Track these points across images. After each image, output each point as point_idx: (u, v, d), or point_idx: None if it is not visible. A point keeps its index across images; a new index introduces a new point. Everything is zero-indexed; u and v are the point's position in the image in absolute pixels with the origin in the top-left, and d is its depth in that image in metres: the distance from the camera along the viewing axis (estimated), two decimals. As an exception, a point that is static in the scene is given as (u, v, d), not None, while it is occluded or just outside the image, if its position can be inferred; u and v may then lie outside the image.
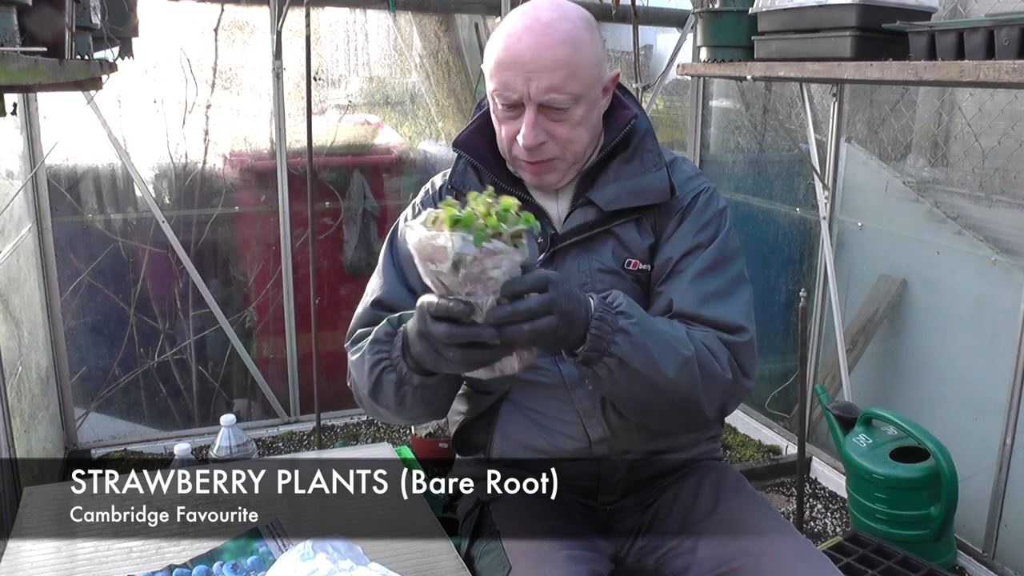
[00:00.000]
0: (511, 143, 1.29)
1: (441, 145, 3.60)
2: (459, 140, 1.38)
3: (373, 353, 1.21)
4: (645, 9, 3.33)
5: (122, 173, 3.12)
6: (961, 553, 2.46)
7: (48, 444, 2.89)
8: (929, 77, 1.78)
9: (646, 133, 1.36)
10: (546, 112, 1.25)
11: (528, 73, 1.23)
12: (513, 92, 1.24)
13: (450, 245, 0.95)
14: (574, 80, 1.24)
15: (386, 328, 1.21)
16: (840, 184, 2.98)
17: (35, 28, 1.39)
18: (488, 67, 1.29)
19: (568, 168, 1.32)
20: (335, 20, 3.39)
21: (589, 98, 1.28)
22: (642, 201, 1.32)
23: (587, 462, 1.36)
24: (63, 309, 3.07)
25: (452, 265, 0.96)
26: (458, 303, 1.00)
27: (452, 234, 0.95)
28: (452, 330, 1.02)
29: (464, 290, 0.99)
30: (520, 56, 1.23)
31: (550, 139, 1.27)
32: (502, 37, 1.27)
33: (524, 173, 1.33)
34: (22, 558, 1.26)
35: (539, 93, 1.23)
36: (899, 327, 2.85)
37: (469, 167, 1.37)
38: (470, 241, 0.95)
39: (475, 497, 1.42)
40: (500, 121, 1.30)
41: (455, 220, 0.96)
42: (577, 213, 1.34)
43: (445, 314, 1.01)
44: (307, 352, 3.31)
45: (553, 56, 1.22)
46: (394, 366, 1.18)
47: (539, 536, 1.28)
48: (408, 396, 1.20)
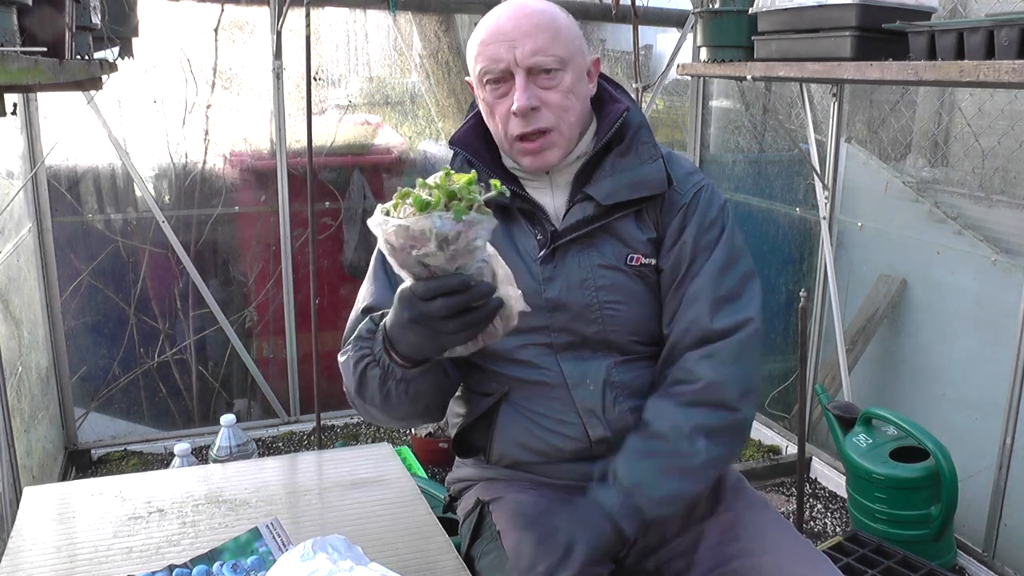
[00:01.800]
0: (506, 123, 1.31)
1: (441, 145, 3.60)
2: (455, 138, 1.41)
3: (356, 350, 1.22)
4: (645, 9, 3.33)
5: (122, 173, 3.12)
6: (961, 553, 2.46)
7: (48, 444, 2.89)
8: (929, 77, 1.78)
9: (640, 126, 1.38)
10: (536, 78, 1.29)
11: (511, 41, 1.28)
12: (499, 62, 1.28)
13: (433, 226, 0.98)
14: (557, 43, 1.29)
15: (368, 325, 1.22)
16: (840, 184, 2.98)
17: (35, 28, 1.39)
18: (472, 55, 1.34)
19: (565, 145, 1.33)
20: (335, 20, 3.39)
21: (576, 66, 1.32)
22: (640, 193, 1.33)
23: (586, 463, 1.36)
24: (63, 309, 3.07)
25: (437, 245, 0.99)
26: (452, 277, 1.03)
27: (432, 216, 0.98)
28: (450, 301, 1.03)
29: (454, 265, 1.02)
30: (501, 27, 1.29)
31: (544, 107, 1.29)
32: (481, 24, 1.33)
33: (523, 158, 1.34)
34: (22, 558, 1.26)
35: (525, 57, 1.27)
36: (899, 327, 2.85)
37: (465, 164, 1.38)
38: (450, 218, 0.98)
39: (475, 497, 1.43)
40: (492, 106, 1.33)
41: (424, 204, 0.98)
42: (575, 209, 1.34)
43: (440, 291, 1.03)
44: (307, 352, 3.31)
45: (533, 22, 1.28)
46: (377, 361, 1.19)
47: (542, 534, 1.27)
48: (392, 390, 1.20)
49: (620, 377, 1.34)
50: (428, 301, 1.04)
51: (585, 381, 1.34)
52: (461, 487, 1.51)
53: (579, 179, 1.37)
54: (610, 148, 1.36)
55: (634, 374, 1.35)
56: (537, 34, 1.27)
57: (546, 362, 1.34)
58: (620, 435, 1.34)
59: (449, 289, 1.03)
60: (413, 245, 1.00)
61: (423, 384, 1.21)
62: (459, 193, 1.00)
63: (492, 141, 1.40)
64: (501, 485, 1.42)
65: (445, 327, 1.06)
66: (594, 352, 1.35)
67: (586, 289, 1.33)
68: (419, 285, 1.05)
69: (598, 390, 1.34)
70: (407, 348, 1.14)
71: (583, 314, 1.33)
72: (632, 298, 1.34)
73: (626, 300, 1.34)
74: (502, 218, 1.35)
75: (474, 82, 1.36)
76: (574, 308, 1.33)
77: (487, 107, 1.34)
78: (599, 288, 1.33)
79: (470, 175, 1.02)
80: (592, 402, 1.34)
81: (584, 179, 1.36)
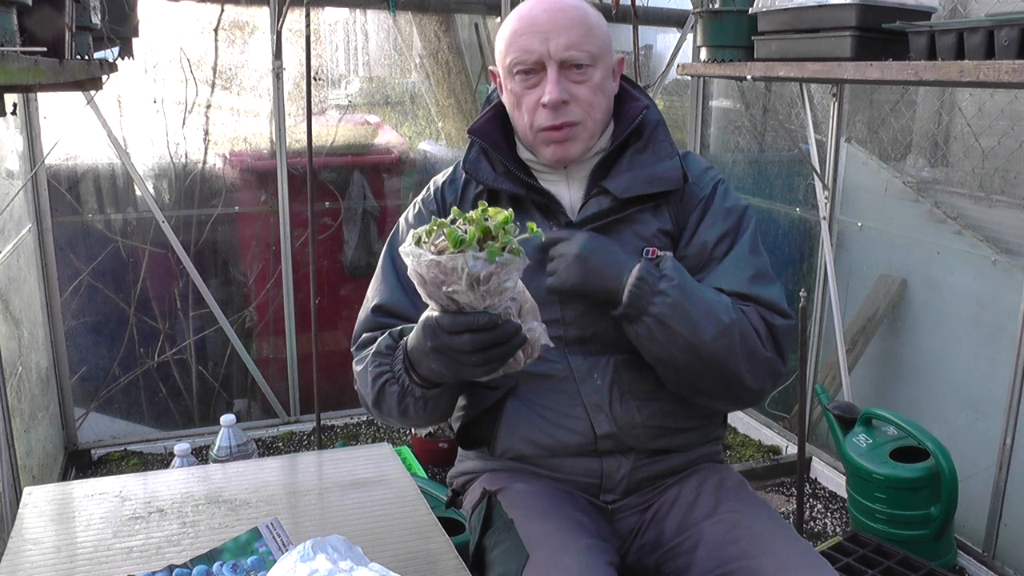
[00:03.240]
0: (534, 113, 1.32)
1: (441, 145, 3.60)
2: (474, 127, 1.41)
3: (375, 366, 1.24)
4: (645, 9, 3.33)
5: (122, 173, 3.12)
6: (961, 553, 2.46)
7: (48, 444, 2.89)
8: (929, 77, 1.78)
9: (658, 124, 1.40)
10: (567, 72, 1.30)
11: (546, 33, 1.28)
12: (532, 54, 1.29)
13: (465, 265, 0.98)
14: (591, 39, 1.30)
15: (387, 341, 1.24)
16: (840, 184, 2.98)
17: (35, 28, 1.39)
18: (501, 45, 1.34)
19: (588, 140, 1.34)
20: (335, 20, 3.40)
21: (605, 64, 1.33)
22: (656, 188, 1.34)
23: (590, 459, 1.37)
24: (63, 309, 3.07)
25: (468, 284, 0.99)
26: (480, 315, 1.03)
27: (466, 255, 0.97)
28: (477, 337, 1.04)
29: (483, 304, 1.02)
30: (536, 19, 1.29)
31: (573, 101, 1.30)
32: (514, 15, 1.33)
33: (546, 149, 1.34)
34: (22, 558, 1.26)
35: (559, 50, 1.28)
36: (899, 327, 2.85)
37: (481, 153, 1.39)
38: (483, 259, 0.98)
39: (481, 488, 1.42)
40: (519, 97, 1.33)
41: (459, 240, 0.98)
42: (592, 202, 1.35)
43: (466, 328, 1.03)
44: (307, 352, 3.31)
45: (568, 16, 1.29)
46: (396, 379, 1.22)
47: (555, 525, 1.27)
48: (411, 407, 1.23)
49: (627, 375, 1.35)
50: (454, 335, 1.05)
51: (592, 376, 1.34)
52: (465, 480, 1.51)
53: (596, 174, 1.38)
54: (627, 145, 1.38)
55: (641, 374, 1.35)
56: (572, 28, 1.28)
57: (554, 355, 1.34)
58: (626, 431, 1.34)
59: (476, 327, 1.03)
60: (444, 281, 1.00)
61: (441, 400, 1.25)
62: (494, 231, 0.99)
63: (509, 134, 1.42)
64: (506, 475, 1.42)
65: (468, 360, 1.06)
66: (603, 347, 1.35)
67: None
68: (446, 318, 1.05)
69: (605, 385, 1.34)
70: (428, 372, 1.17)
71: (596, 307, 1.33)
72: None
73: None
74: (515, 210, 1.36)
75: (501, 72, 1.37)
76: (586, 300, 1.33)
77: (514, 97, 1.34)
78: None
79: (506, 213, 1.01)
80: (599, 397, 1.34)
81: (601, 174, 1.37)
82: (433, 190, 1.47)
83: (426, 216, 1.43)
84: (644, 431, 1.35)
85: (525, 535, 1.26)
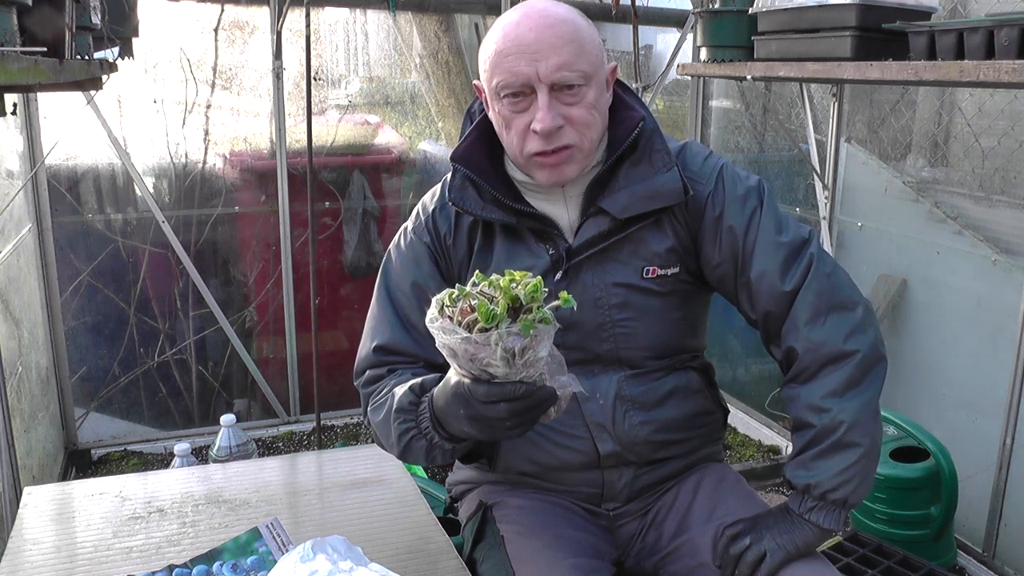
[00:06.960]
0: (524, 138, 1.22)
1: (441, 145, 3.60)
2: (457, 154, 1.30)
3: (399, 423, 1.20)
4: (645, 9, 3.33)
5: (122, 173, 3.12)
6: (961, 553, 2.46)
7: (48, 444, 2.89)
8: (929, 77, 1.78)
9: (653, 133, 1.30)
10: (559, 95, 1.20)
11: (534, 55, 1.18)
12: (519, 76, 1.18)
13: (499, 341, 0.96)
14: (582, 57, 1.19)
15: (410, 397, 1.20)
16: (840, 184, 2.98)
17: (35, 28, 1.39)
18: (485, 65, 1.24)
19: (584, 160, 1.26)
20: (335, 20, 3.39)
21: (598, 80, 1.23)
22: (656, 205, 1.26)
23: (592, 472, 1.36)
24: (63, 309, 3.07)
25: (503, 358, 0.97)
26: (516, 386, 1.00)
27: (500, 331, 0.95)
28: (513, 407, 1.01)
29: (519, 375, 1.00)
30: (522, 39, 1.18)
31: (567, 124, 1.21)
32: (498, 30, 1.23)
33: (540, 173, 1.25)
34: (22, 558, 1.26)
35: (549, 72, 1.18)
36: (899, 327, 2.85)
37: (467, 181, 1.30)
38: (516, 333, 0.96)
39: (478, 500, 1.42)
40: (507, 120, 1.23)
41: (491, 315, 0.95)
42: (590, 224, 1.28)
43: (502, 398, 1.01)
44: (307, 352, 3.31)
45: (556, 34, 1.18)
46: (424, 435, 1.18)
47: (543, 543, 1.27)
48: (439, 457, 1.22)
49: (631, 391, 1.32)
50: (489, 404, 1.02)
51: (595, 395, 1.32)
52: (463, 489, 1.50)
53: (591, 190, 1.29)
54: (623, 157, 1.28)
55: (645, 387, 1.33)
56: (562, 47, 1.18)
57: None
58: (629, 449, 1.33)
59: (512, 397, 1.01)
60: (476, 355, 0.98)
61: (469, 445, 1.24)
62: (525, 301, 0.97)
63: (496, 152, 1.32)
64: (504, 488, 1.41)
65: (503, 425, 1.05)
66: (605, 367, 1.33)
67: (600, 308, 1.29)
68: (480, 388, 1.02)
69: (608, 404, 1.32)
70: (459, 433, 1.13)
71: (596, 333, 1.30)
72: (646, 314, 1.31)
73: (639, 317, 1.30)
74: (507, 238, 1.31)
75: (487, 92, 1.26)
76: (587, 327, 1.30)
77: (502, 120, 1.24)
78: (612, 307, 1.29)
79: (535, 281, 0.98)
80: (602, 416, 1.32)
81: (597, 191, 1.28)
82: (424, 218, 1.36)
83: (419, 248, 1.35)
84: (647, 447, 1.34)
85: (513, 552, 1.26)
